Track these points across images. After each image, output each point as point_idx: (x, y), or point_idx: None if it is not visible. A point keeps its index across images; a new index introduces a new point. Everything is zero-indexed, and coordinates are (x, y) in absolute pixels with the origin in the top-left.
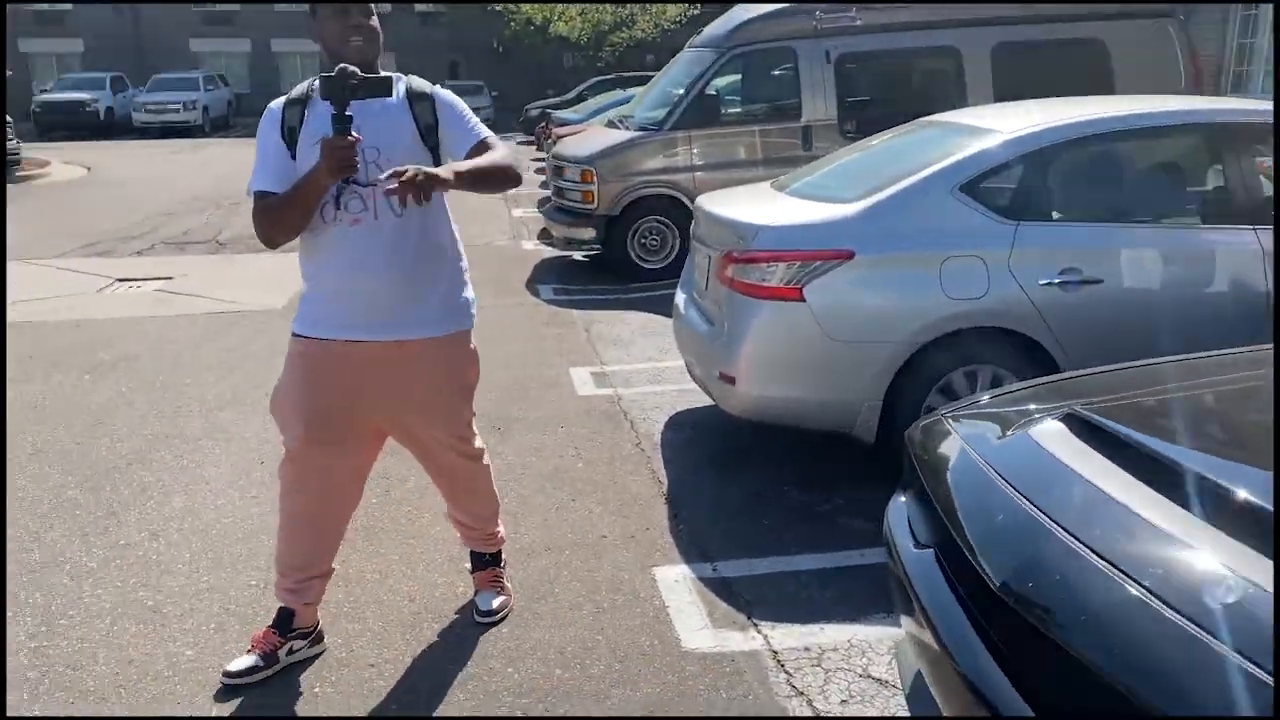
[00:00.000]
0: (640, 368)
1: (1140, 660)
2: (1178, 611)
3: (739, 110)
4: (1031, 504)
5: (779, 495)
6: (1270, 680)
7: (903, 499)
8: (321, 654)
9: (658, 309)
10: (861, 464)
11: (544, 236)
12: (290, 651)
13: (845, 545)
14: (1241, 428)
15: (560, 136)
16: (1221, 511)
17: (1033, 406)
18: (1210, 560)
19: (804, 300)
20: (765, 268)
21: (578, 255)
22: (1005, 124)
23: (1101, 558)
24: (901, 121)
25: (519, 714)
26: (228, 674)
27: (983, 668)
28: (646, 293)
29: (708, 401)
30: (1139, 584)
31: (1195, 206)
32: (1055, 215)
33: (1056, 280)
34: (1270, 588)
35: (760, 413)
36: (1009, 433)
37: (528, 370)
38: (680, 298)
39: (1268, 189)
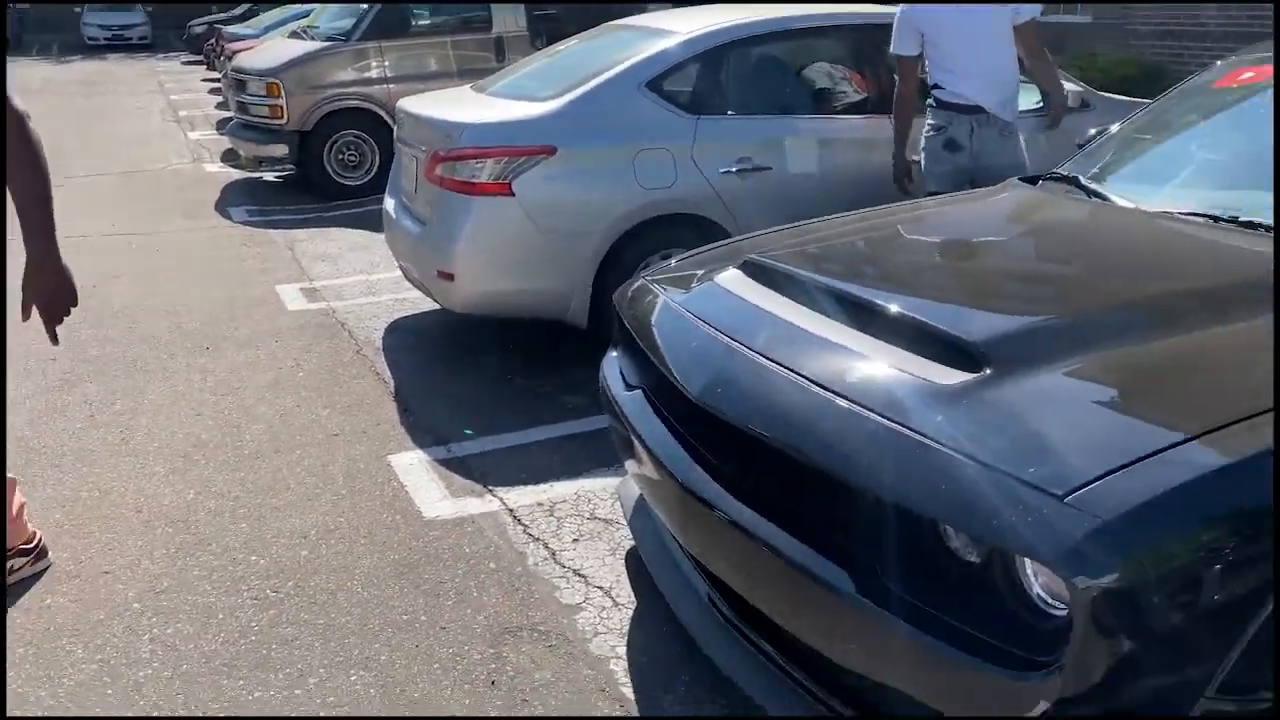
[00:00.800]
0: (352, 281)
1: (807, 432)
2: (833, 391)
3: (429, 21)
4: (718, 331)
5: (504, 382)
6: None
7: (614, 354)
8: (47, 569)
9: (364, 225)
10: (576, 348)
11: (229, 159)
12: (11, 571)
13: (566, 417)
14: (883, 263)
15: (236, 51)
16: (868, 321)
17: (717, 262)
18: (860, 355)
19: (513, 195)
20: (474, 165)
21: (269, 176)
22: (683, 25)
23: (776, 363)
24: None
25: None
26: None
27: (690, 471)
28: (350, 209)
29: (426, 308)
30: (804, 377)
31: (843, 99)
32: (729, 110)
33: (733, 169)
34: (913, 372)
35: (481, 306)
36: (698, 283)
37: (231, 291)
38: (390, 204)
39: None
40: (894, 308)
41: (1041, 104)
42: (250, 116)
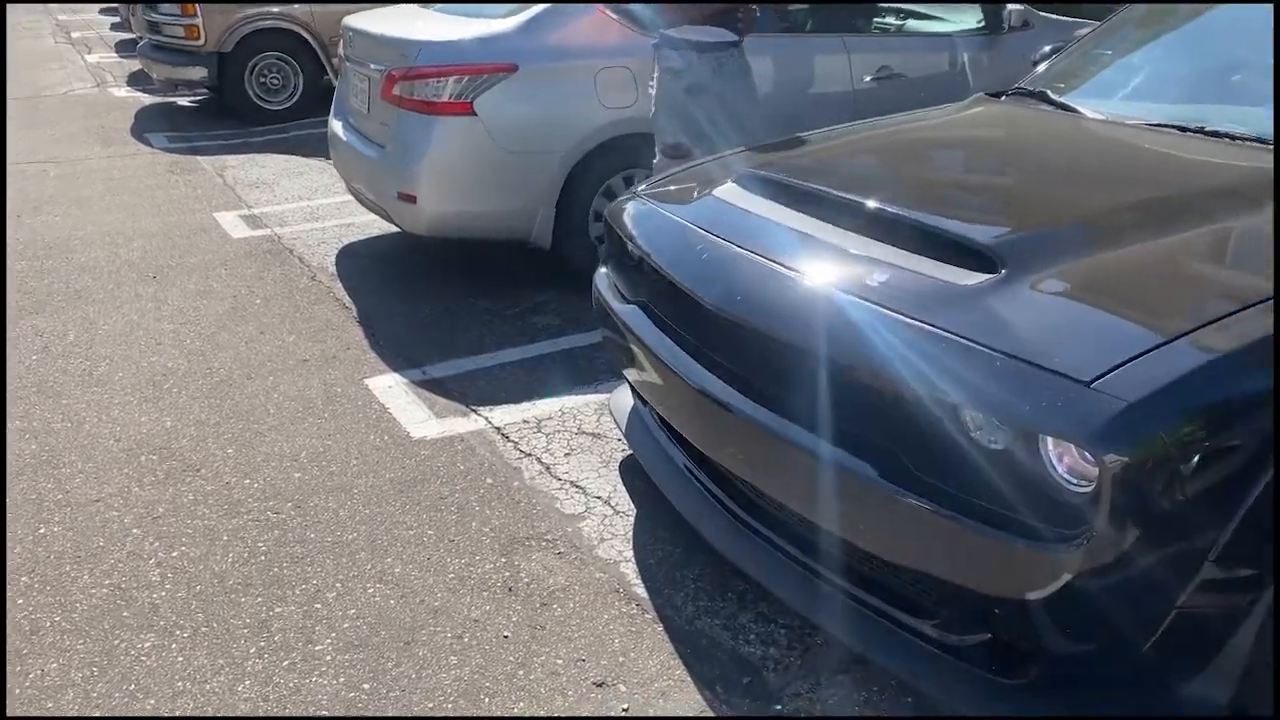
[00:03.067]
0: (292, 207)
1: (833, 334)
2: (857, 295)
3: None
4: (729, 242)
5: (468, 306)
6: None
7: (604, 270)
8: None
9: (294, 150)
10: (536, 270)
11: (137, 82)
12: None
13: (537, 338)
14: (879, 173)
15: None
16: (878, 228)
17: (710, 177)
18: (877, 260)
19: (475, 114)
20: (434, 83)
21: (184, 101)
22: None
23: (787, 268)
24: None
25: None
26: None
27: (703, 376)
28: (276, 135)
29: (375, 233)
30: (825, 282)
31: (797, 18)
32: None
33: None
34: (931, 274)
35: (443, 228)
36: (696, 196)
37: (167, 219)
38: (337, 125)
39: None
40: (904, 215)
41: (983, 23)
42: (163, 37)
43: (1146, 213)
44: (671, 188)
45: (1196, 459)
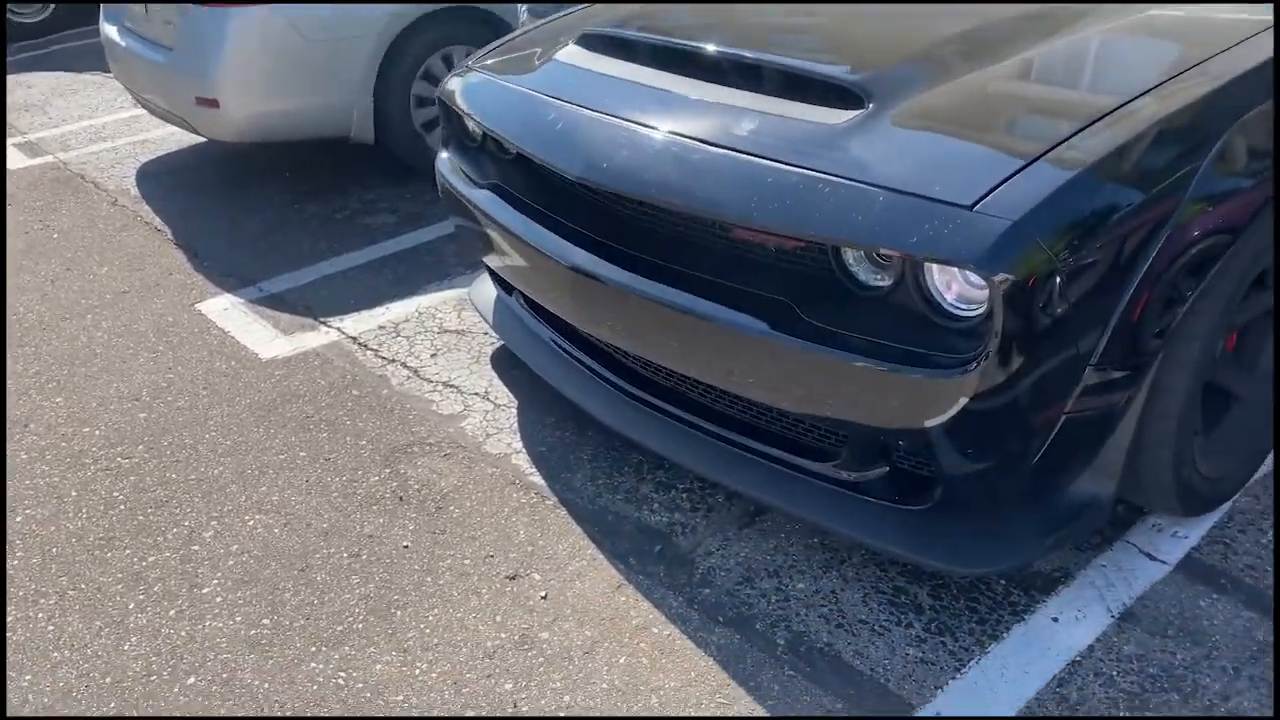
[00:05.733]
0: (73, 129)
1: (712, 190)
2: (729, 147)
3: None
4: (582, 107)
5: (295, 213)
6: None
7: (445, 154)
8: None
9: (61, 67)
10: (362, 166)
11: None
12: None
13: (375, 239)
14: (726, 22)
15: None
16: (737, 76)
17: (548, 42)
18: (743, 109)
19: (274, 1)
20: None
21: None
22: None
23: (653, 128)
24: None
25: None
26: None
27: (576, 254)
28: (36, 51)
29: (176, 146)
30: (694, 138)
31: None
32: None
33: None
34: (800, 117)
35: (253, 131)
36: (538, 63)
37: None
38: (111, 30)
39: None
40: (762, 59)
41: None
42: None
43: (987, 41)
44: (507, 57)
45: (1074, 270)
